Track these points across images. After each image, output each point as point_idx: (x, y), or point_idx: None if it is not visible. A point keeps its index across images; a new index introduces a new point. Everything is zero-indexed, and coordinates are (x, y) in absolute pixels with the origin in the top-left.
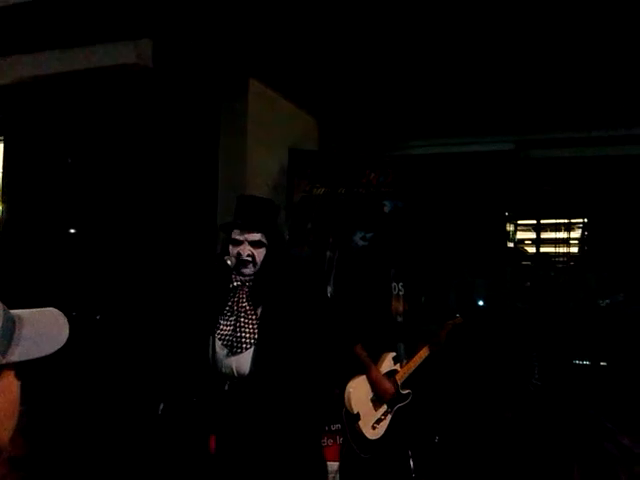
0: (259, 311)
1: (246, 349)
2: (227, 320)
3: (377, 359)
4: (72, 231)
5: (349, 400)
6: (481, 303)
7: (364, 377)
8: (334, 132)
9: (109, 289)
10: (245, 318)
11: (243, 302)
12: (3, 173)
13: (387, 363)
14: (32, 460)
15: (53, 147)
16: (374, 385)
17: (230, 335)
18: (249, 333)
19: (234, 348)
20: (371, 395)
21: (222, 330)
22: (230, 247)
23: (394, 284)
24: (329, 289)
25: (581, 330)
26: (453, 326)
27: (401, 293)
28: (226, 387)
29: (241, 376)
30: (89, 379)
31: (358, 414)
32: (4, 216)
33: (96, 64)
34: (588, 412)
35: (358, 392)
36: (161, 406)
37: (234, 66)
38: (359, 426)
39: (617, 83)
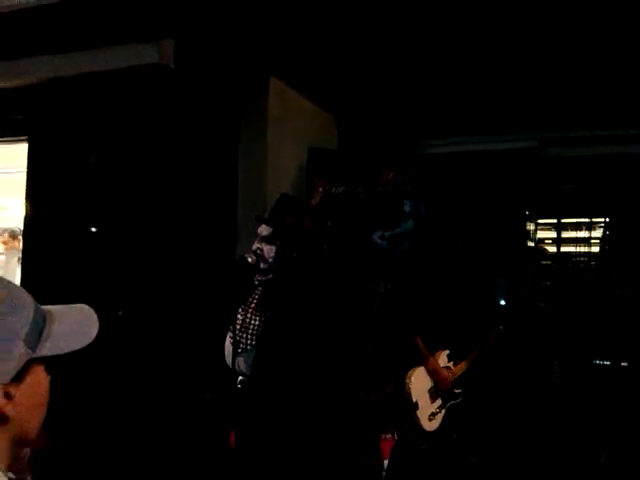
0: (268, 314)
1: (246, 350)
2: (238, 319)
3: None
4: (94, 229)
5: (409, 389)
6: (502, 302)
7: (422, 369)
8: (353, 131)
9: (131, 286)
10: (251, 319)
11: (254, 303)
12: (27, 172)
13: (443, 359)
14: (56, 454)
15: (76, 147)
16: (433, 375)
17: (237, 334)
18: (251, 334)
19: (237, 347)
20: (429, 387)
21: (233, 328)
22: None
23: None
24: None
25: (602, 330)
26: (496, 337)
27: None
28: (238, 384)
29: (244, 375)
30: (110, 375)
31: (417, 403)
32: (29, 214)
33: (119, 65)
34: (631, 408)
35: (417, 382)
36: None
37: (255, 64)
38: (417, 416)
39: None
